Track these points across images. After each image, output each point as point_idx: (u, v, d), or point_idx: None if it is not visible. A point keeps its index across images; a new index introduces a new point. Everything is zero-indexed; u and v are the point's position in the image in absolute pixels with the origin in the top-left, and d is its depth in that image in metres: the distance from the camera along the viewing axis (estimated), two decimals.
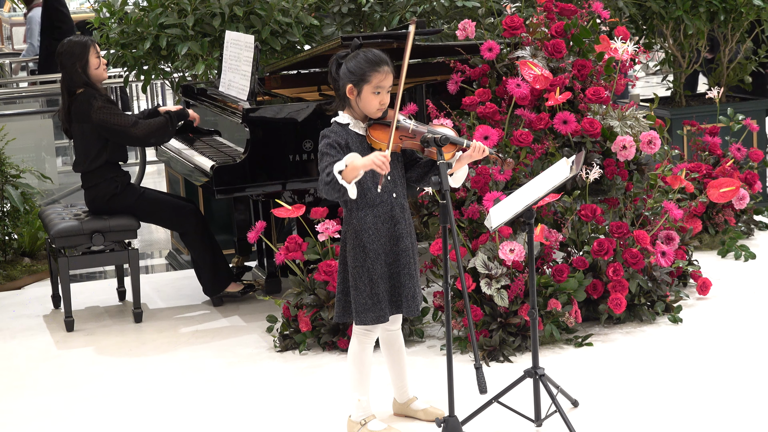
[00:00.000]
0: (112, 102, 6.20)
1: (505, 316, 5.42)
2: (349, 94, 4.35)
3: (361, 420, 4.57)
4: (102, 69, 6.26)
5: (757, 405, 4.73)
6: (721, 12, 7.64)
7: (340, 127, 4.38)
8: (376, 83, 4.33)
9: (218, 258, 6.39)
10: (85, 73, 6.18)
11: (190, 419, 4.90)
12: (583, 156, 4.58)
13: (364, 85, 4.33)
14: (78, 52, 6.19)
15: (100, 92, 6.20)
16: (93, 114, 6.11)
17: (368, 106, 4.35)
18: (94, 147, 6.19)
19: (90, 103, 6.12)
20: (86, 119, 6.14)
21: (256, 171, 5.94)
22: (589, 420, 4.65)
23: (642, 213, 6.02)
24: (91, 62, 6.20)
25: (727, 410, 4.69)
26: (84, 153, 6.23)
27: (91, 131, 6.17)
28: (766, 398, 4.79)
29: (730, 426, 4.54)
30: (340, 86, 4.38)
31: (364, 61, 4.34)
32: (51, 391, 5.32)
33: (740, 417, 4.62)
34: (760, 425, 4.53)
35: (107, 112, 6.11)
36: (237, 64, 6.31)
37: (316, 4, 7.50)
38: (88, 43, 6.22)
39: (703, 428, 4.53)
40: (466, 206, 5.68)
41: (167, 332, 6.07)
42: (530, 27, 6.09)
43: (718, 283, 6.29)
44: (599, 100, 5.92)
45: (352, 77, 4.33)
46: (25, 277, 7.30)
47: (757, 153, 7.32)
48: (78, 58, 6.18)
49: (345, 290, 4.47)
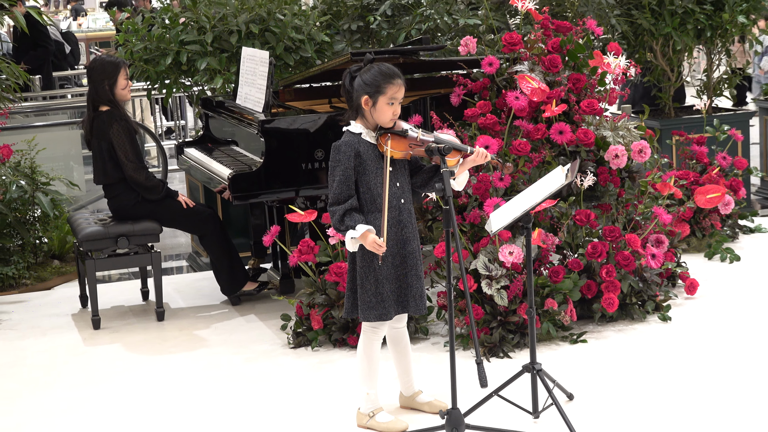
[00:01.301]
0: (132, 132, 6.21)
1: (504, 315, 5.41)
2: (364, 105, 4.35)
3: (369, 412, 4.57)
4: (127, 90, 6.26)
5: (741, 396, 4.72)
6: (708, 29, 7.63)
7: (353, 136, 4.38)
8: (391, 95, 4.33)
9: (235, 260, 6.39)
10: (112, 91, 6.19)
11: (209, 411, 4.90)
12: (577, 164, 4.57)
13: (379, 97, 4.33)
14: (109, 70, 6.20)
15: (122, 113, 6.20)
16: (111, 134, 6.13)
17: (382, 117, 4.35)
18: (109, 163, 6.20)
19: (111, 124, 6.14)
20: (105, 138, 6.16)
21: (270, 179, 5.93)
22: (583, 412, 4.64)
23: (633, 218, 6.01)
24: (119, 82, 6.21)
25: (713, 402, 4.68)
26: (101, 167, 6.24)
27: (108, 149, 6.18)
28: (749, 390, 4.78)
29: (717, 416, 4.53)
30: (354, 98, 4.38)
31: (379, 74, 4.34)
32: (79, 386, 5.31)
33: (725, 408, 4.61)
34: (744, 415, 4.52)
35: (121, 141, 6.13)
36: (253, 78, 6.31)
37: (327, 22, 7.50)
38: (120, 65, 6.23)
39: (691, 419, 4.52)
40: (468, 211, 5.68)
41: (188, 330, 6.07)
42: (528, 43, 6.09)
43: (705, 284, 6.28)
44: (593, 111, 5.91)
45: (368, 89, 4.33)
46: (55, 278, 7.31)
47: (742, 161, 7.30)
48: (108, 76, 6.19)
49: (353, 288, 4.47)
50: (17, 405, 5.10)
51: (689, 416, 4.56)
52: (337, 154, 4.36)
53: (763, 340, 5.42)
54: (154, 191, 6.24)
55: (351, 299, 4.49)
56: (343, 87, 4.44)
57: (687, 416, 4.56)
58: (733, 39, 7.90)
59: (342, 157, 4.34)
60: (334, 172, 4.34)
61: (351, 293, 4.49)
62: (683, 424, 4.49)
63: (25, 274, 7.17)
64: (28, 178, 7.41)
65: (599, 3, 7.41)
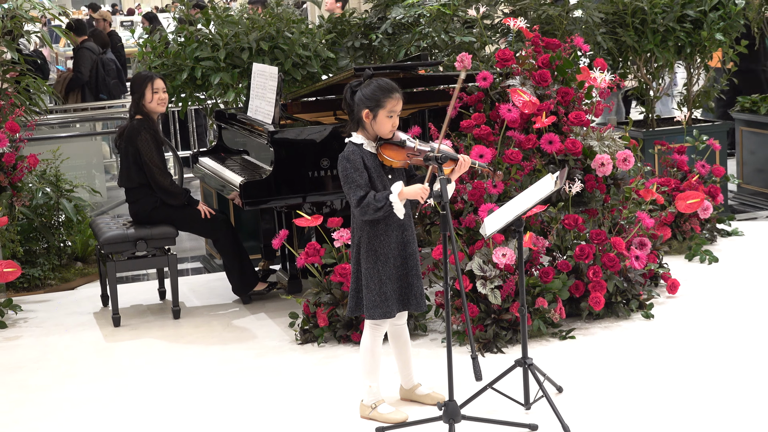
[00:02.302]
0: (159, 141, 6.23)
1: (498, 313, 5.42)
2: (365, 118, 4.35)
3: (372, 404, 4.57)
4: (155, 103, 6.24)
5: (719, 387, 4.73)
6: (687, 46, 7.64)
7: (356, 147, 4.39)
8: (390, 108, 4.33)
9: (246, 262, 6.40)
10: (141, 103, 6.22)
11: (222, 402, 4.91)
12: (566, 172, 4.58)
13: (379, 110, 4.33)
14: (139, 83, 6.23)
15: (152, 125, 6.21)
16: (138, 141, 6.15)
17: (382, 128, 4.36)
18: (133, 167, 6.22)
19: (139, 131, 6.16)
20: (132, 143, 6.18)
21: (279, 186, 5.95)
22: (572, 403, 4.64)
23: (618, 222, 6.02)
24: (145, 96, 6.21)
25: (693, 393, 4.69)
26: (126, 171, 6.27)
27: (134, 154, 6.20)
28: (726, 381, 4.79)
29: (697, 406, 4.54)
30: (355, 111, 4.38)
31: (378, 89, 4.34)
32: (100, 379, 5.33)
33: (705, 398, 4.62)
34: (722, 404, 4.54)
35: (148, 148, 6.15)
36: (263, 92, 6.32)
37: (332, 40, 7.51)
38: (147, 80, 6.23)
39: (672, 410, 4.53)
40: (464, 216, 5.69)
41: (202, 327, 6.08)
42: (520, 59, 6.10)
43: (686, 284, 6.28)
44: (580, 123, 5.93)
45: (369, 103, 4.33)
46: (78, 279, 7.32)
47: (719, 169, 7.31)
48: (138, 89, 6.23)
49: (358, 288, 4.48)
50: (43, 397, 5.12)
51: (671, 407, 4.57)
52: (348, 162, 4.35)
53: (740, 336, 5.43)
54: (177, 197, 6.25)
55: (355, 299, 4.51)
56: (344, 101, 4.44)
57: (669, 407, 4.57)
58: (710, 55, 7.92)
59: (354, 164, 4.33)
60: (351, 177, 4.32)
61: (355, 293, 4.51)
62: (666, 414, 4.50)
63: (50, 275, 7.18)
64: (53, 185, 7.43)
65: (586, 22, 7.43)
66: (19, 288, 7.03)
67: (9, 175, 6.74)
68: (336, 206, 6.11)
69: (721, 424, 4.38)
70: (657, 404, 4.61)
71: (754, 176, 8.43)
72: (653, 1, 7.59)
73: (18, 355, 5.78)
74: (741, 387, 4.76)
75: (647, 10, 7.57)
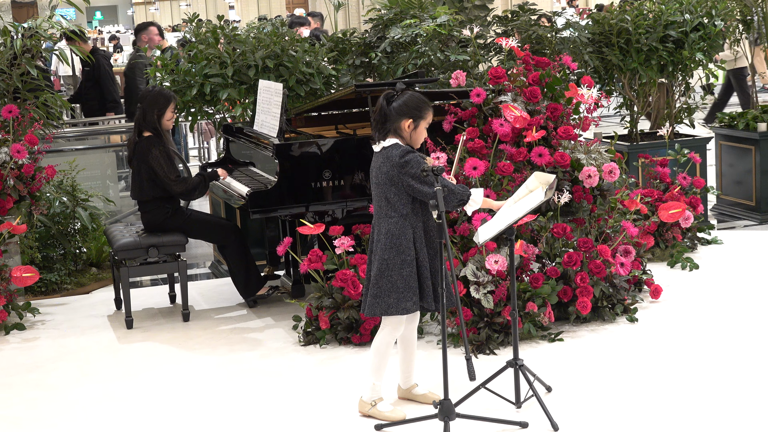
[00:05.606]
0: (169, 154, 6.20)
1: (490, 316, 5.42)
2: (406, 128, 4.33)
3: (371, 401, 4.57)
4: (171, 122, 6.26)
5: (700, 385, 4.74)
6: (670, 64, 7.65)
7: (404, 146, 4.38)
8: (428, 120, 4.37)
9: (252, 268, 6.39)
10: (159, 120, 6.19)
11: (229, 401, 4.90)
12: (555, 183, 4.59)
13: (421, 121, 4.34)
14: (161, 102, 6.19)
15: (163, 141, 6.19)
16: (150, 159, 6.13)
17: (420, 138, 4.39)
18: (146, 182, 6.20)
19: (150, 150, 6.13)
20: (145, 161, 6.16)
21: (284, 196, 5.94)
22: (561, 402, 4.64)
23: (604, 231, 6.02)
24: (166, 114, 6.20)
25: (675, 392, 4.69)
26: (139, 185, 6.24)
27: (147, 171, 6.18)
28: (707, 380, 4.80)
29: (678, 405, 4.54)
30: (391, 119, 4.33)
31: (421, 100, 4.34)
32: (114, 379, 5.32)
33: (686, 396, 4.62)
34: (702, 402, 4.54)
35: (160, 163, 6.12)
36: (268, 107, 6.33)
37: (334, 58, 7.52)
38: (171, 98, 6.22)
39: (655, 408, 4.53)
40: (458, 225, 5.69)
41: (210, 329, 6.08)
42: (511, 76, 6.11)
43: (668, 289, 6.28)
44: (569, 137, 5.93)
45: (413, 113, 4.32)
46: (93, 283, 7.31)
47: (700, 181, 7.32)
48: (159, 106, 6.17)
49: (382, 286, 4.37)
50: (60, 395, 5.11)
51: (654, 405, 4.57)
52: (413, 155, 4.29)
53: (719, 338, 5.43)
54: (198, 189, 6.22)
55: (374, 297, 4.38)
56: (378, 109, 4.37)
57: (652, 405, 4.57)
58: (692, 73, 7.92)
59: (417, 156, 4.30)
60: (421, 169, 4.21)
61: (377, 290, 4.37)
62: (649, 412, 4.50)
63: (66, 280, 7.18)
64: (70, 195, 7.42)
65: (574, 41, 7.44)
66: (37, 292, 7.02)
67: (28, 185, 6.73)
68: (337, 215, 6.11)
69: (701, 421, 4.38)
70: (641, 403, 4.61)
71: (733, 188, 8.44)
72: (637, 22, 7.60)
73: (36, 355, 5.77)
74: (721, 386, 4.76)
75: (632, 31, 7.58)
